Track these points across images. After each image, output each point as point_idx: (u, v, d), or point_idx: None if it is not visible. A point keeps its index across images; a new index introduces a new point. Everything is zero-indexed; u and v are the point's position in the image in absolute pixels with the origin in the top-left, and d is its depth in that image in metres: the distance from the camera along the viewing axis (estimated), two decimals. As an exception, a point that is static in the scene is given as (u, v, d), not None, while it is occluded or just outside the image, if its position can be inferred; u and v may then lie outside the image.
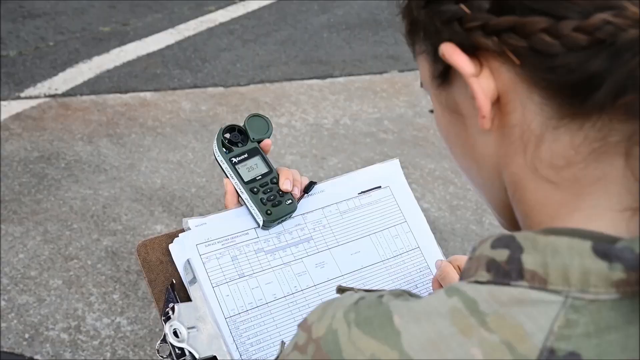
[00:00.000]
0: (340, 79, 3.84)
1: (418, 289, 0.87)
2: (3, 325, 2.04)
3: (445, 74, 0.47)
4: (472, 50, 0.43)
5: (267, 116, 0.93)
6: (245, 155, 0.89)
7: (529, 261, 0.39)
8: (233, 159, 0.89)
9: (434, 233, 0.92)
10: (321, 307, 0.46)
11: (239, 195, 0.89)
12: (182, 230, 0.85)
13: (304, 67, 3.96)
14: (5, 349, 1.96)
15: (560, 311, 0.37)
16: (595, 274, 0.37)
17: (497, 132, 0.45)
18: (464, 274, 0.43)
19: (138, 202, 2.65)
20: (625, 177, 0.40)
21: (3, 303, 2.12)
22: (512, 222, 0.50)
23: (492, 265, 0.41)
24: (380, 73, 3.94)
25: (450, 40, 0.43)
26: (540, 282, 0.38)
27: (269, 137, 0.92)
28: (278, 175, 0.89)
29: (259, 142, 0.91)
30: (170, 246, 0.83)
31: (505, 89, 0.43)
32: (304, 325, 0.46)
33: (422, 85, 0.53)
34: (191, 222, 0.85)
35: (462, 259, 0.82)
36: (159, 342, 0.76)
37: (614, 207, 0.41)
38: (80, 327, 2.05)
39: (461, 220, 2.63)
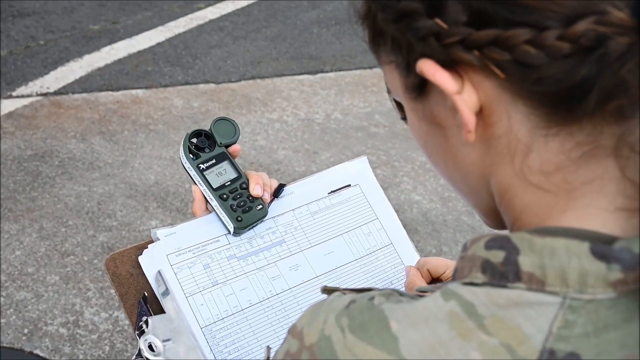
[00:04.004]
0: (331, 74, 3.87)
1: (393, 285, 0.86)
2: (2, 321, 2.06)
3: (420, 87, 0.44)
4: (451, 64, 0.41)
5: (233, 119, 0.89)
6: (213, 161, 0.86)
7: (526, 263, 0.39)
8: (201, 165, 0.85)
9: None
10: (310, 311, 0.45)
11: (207, 202, 0.86)
12: (152, 242, 0.82)
13: (295, 63, 3.98)
14: (5, 344, 1.98)
15: (559, 312, 0.37)
16: (593, 275, 0.37)
17: (481, 142, 0.43)
18: (457, 274, 0.43)
19: (132, 198, 2.67)
20: (618, 178, 0.40)
21: (2, 299, 2.14)
22: (499, 224, 0.49)
23: (487, 267, 0.40)
24: (371, 67, 3.96)
25: (426, 55, 0.41)
26: (537, 284, 0.38)
27: (236, 141, 0.89)
28: (247, 180, 0.86)
29: (227, 146, 0.88)
30: (140, 258, 0.80)
31: (489, 100, 0.41)
32: (294, 332, 0.44)
33: (389, 91, 0.50)
34: (160, 232, 0.82)
35: (432, 262, 0.80)
36: (134, 357, 0.72)
37: (607, 207, 0.40)
38: (78, 321, 2.07)
39: (453, 212, 2.66)
